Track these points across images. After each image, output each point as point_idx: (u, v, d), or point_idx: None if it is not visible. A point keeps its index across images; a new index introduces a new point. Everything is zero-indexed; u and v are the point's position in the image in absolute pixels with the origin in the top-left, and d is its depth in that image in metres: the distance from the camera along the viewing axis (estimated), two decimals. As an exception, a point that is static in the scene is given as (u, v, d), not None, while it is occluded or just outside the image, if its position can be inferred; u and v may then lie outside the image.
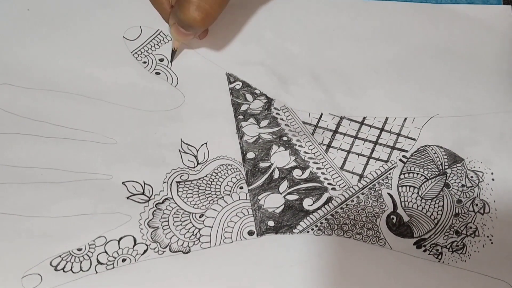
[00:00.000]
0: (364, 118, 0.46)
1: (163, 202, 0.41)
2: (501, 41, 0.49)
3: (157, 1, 0.42)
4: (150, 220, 0.40)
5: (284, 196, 0.42)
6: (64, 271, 0.37)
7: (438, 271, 0.40)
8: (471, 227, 0.41)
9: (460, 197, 0.42)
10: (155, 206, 0.40)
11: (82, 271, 0.37)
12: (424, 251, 0.40)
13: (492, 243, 0.41)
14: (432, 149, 0.44)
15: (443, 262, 0.40)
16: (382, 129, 0.45)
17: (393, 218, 0.41)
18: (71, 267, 0.37)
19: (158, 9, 0.43)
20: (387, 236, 0.41)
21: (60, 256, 0.38)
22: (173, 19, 0.40)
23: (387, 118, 0.46)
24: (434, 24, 0.50)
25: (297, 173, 0.43)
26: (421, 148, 0.44)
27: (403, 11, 0.50)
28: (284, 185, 0.42)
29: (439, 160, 0.44)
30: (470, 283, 0.39)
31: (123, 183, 0.41)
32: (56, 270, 0.37)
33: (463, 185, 0.43)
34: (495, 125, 0.45)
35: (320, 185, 0.43)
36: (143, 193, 0.41)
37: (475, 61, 0.48)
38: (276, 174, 0.43)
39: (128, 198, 0.40)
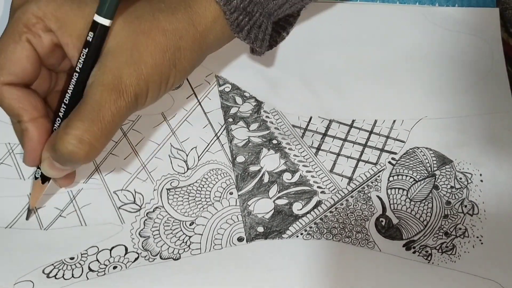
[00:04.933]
0: (353, 121, 0.46)
1: (154, 211, 0.41)
2: (488, 43, 0.49)
3: (19, 132, 0.36)
4: (142, 229, 0.40)
5: (274, 201, 0.42)
6: (56, 278, 0.38)
7: (428, 272, 0.40)
8: (460, 228, 0.42)
9: (449, 199, 0.43)
10: (146, 215, 0.41)
11: (74, 277, 0.38)
12: (414, 252, 0.40)
13: (482, 243, 0.41)
14: (421, 151, 0.44)
15: (432, 263, 0.40)
16: (371, 132, 0.45)
17: (382, 221, 0.42)
18: (63, 274, 0.38)
19: (21, 142, 0.36)
20: (376, 238, 0.41)
21: (52, 264, 0.38)
22: (47, 153, 0.34)
23: (376, 121, 0.46)
24: (422, 27, 0.50)
25: (286, 176, 0.43)
26: (410, 150, 0.45)
27: (390, 14, 0.50)
28: (273, 190, 0.43)
29: (428, 162, 0.44)
30: (460, 283, 0.39)
31: (114, 192, 0.41)
32: (48, 277, 0.38)
33: (452, 187, 0.43)
34: (483, 127, 0.45)
35: (309, 188, 0.43)
36: (134, 202, 0.41)
37: (462, 63, 0.48)
38: (266, 178, 0.43)
39: (119, 208, 0.41)
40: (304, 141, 0.45)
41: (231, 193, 0.42)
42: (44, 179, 0.37)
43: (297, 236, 0.41)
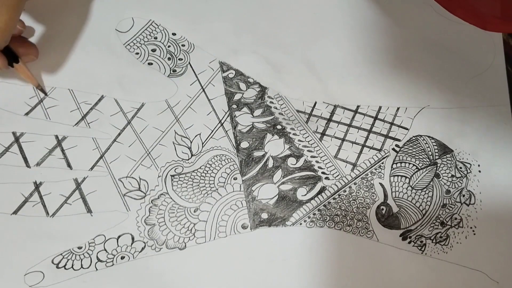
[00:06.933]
0: (358, 106, 0.46)
1: (158, 197, 0.41)
2: (489, 37, 0.49)
3: None
4: (147, 217, 0.41)
5: (278, 186, 0.43)
6: (65, 268, 0.39)
7: (420, 263, 0.41)
8: (456, 218, 0.43)
9: (449, 188, 0.43)
10: (151, 202, 0.41)
11: (83, 268, 0.39)
12: (409, 242, 0.42)
13: (474, 234, 0.42)
14: (424, 139, 0.45)
15: (425, 254, 0.41)
16: (375, 118, 0.45)
17: (382, 209, 0.43)
18: (72, 265, 0.39)
19: None
20: (376, 227, 0.42)
21: (61, 254, 0.39)
22: None
23: (380, 107, 0.46)
24: (425, 18, 0.50)
25: (291, 161, 0.44)
26: (413, 138, 0.45)
27: (395, 3, 0.49)
28: (278, 174, 0.43)
29: (430, 150, 0.44)
30: (449, 274, 0.41)
31: (119, 179, 0.42)
32: (57, 267, 0.39)
33: (452, 176, 0.44)
34: (482, 118, 0.46)
35: (314, 174, 0.43)
36: (139, 189, 0.41)
37: (464, 56, 0.48)
38: (270, 163, 0.43)
39: (124, 195, 0.41)
40: (308, 126, 0.45)
41: (235, 179, 0.43)
42: (10, 63, 0.41)
43: (301, 224, 0.42)
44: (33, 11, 0.46)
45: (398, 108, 0.46)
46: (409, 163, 0.44)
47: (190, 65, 0.46)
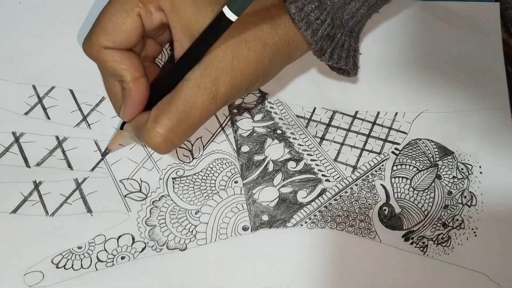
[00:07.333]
0: (356, 112, 0.46)
1: (159, 199, 0.41)
2: (489, 39, 0.49)
3: (112, 94, 0.38)
4: (148, 218, 0.41)
5: (279, 189, 0.43)
6: (65, 268, 0.38)
7: (422, 264, 0.41)
8: (457, 220, 0.42)
9: (450, 189, 0.43)
10: (152, 203, 0.41)
11: (83, 268, 0.39)
12: (411, 243, 0.41)
13: (476, 235, 0.42)
14: (423, 142, 0.45)
15: (427, 255, 0.41)
16: (374, 123, 0.46)
17: (385, 210, 0.43)
18: (72, 265, 0.39)
19: (113, 102, 0.38)
20: (378, 228, 0.42)
21: (61, 254, 0.39)
22: (131, 128, 0.37)
23: (378, 113, 0.46)
24: (422, 22, 0.50)
25: (291, 165, 0.44)
26: (413, 141, 0.45)
27: (392, 8, 0.50)
28: (278, 178, 0.43)
29: (430, 153, 0.45)
30: (450, 275, 0.41)
31: (120, 181, 0.42)
32: (57, 267, 0.38)
33: (454, 177, 0.44)
34: (482, 121, 0.46)
35: (314, 176, 0.43)
36: (140, 191, 0.41)
37: (463, 58, 0.49)
38: (271, 167, 0.44)
39: (125, 196, 0.41)
40: (308, 131, 0.45)
41: (236, 182, 0.43)
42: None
43: (302, 225, 0.41)
44: (33, 10, 0.47)
45: (396, 113, 0.46)
46: (410, 165, 0.44)
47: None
